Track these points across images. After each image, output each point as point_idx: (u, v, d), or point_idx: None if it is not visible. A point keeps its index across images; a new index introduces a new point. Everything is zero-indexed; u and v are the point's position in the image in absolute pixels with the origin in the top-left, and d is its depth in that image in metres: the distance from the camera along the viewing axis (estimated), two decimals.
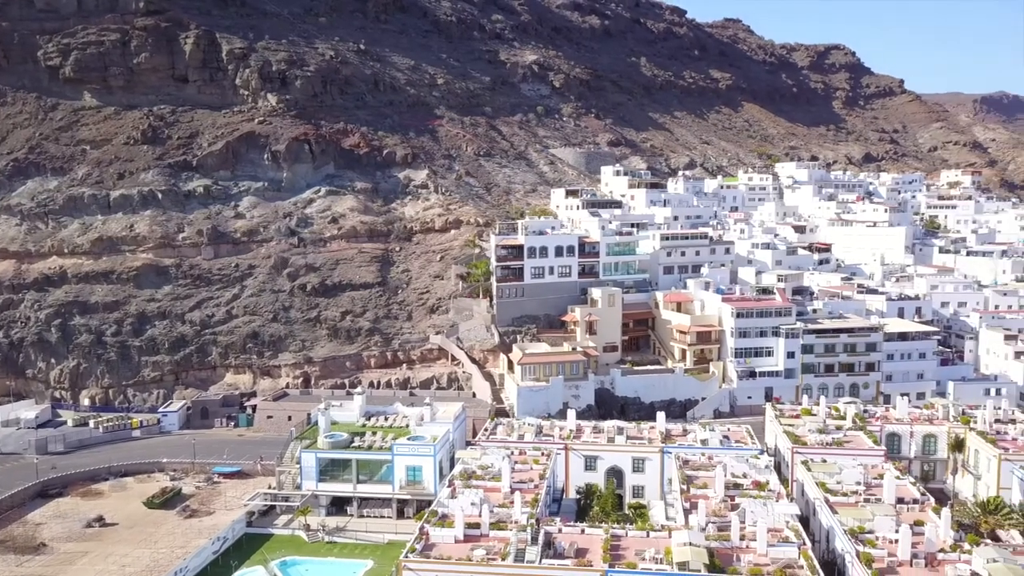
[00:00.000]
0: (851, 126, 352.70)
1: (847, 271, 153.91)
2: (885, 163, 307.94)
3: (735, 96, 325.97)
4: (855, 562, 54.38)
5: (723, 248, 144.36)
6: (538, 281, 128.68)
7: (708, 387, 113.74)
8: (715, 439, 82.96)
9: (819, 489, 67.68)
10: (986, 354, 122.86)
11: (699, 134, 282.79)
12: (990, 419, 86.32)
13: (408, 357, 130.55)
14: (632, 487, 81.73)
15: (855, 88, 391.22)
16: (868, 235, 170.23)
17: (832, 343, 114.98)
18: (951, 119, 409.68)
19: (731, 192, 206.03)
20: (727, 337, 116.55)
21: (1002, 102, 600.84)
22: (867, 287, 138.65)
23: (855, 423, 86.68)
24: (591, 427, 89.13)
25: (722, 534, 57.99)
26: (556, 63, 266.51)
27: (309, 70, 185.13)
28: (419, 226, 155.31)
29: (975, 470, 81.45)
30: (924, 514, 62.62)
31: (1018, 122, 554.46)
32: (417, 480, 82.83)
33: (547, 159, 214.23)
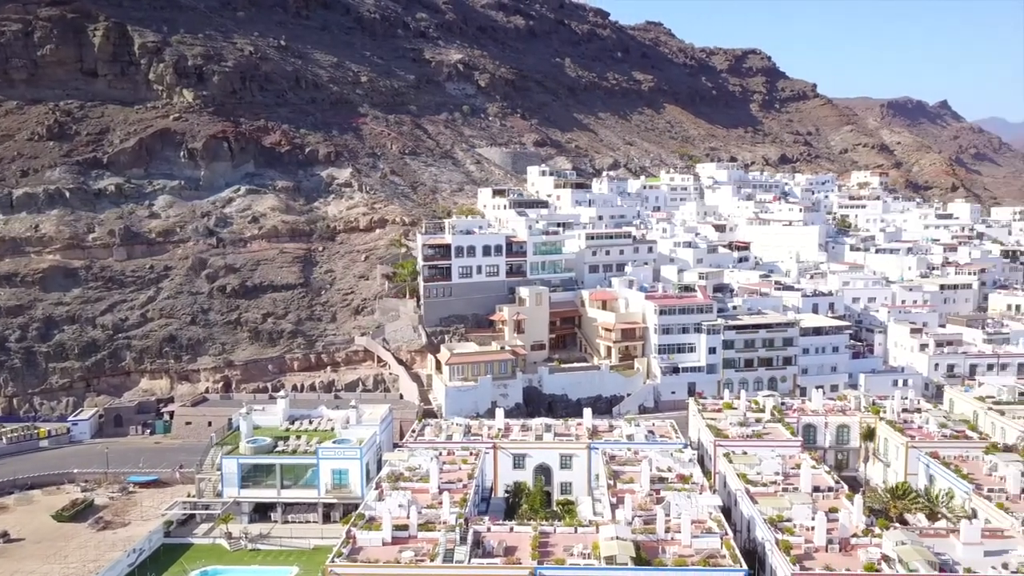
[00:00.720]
0: (768, 128, 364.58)
1: (765, 268, 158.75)
2: (799, 164, 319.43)
3: (657, 98, 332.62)
4: (774, 550, 56.06)
5: (646, 247, 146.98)
6: (466, 280, 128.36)
7: (633, 383, 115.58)
8: (640, 434, 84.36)
9: (740, 480, 69.52)
10: (894, 347, 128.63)
11: (623, 135, 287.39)
12: (898, 409, 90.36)
13: (333, 359, 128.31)
14: (560, 484, 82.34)
15: (771, 92, 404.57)
16: (784, 234, 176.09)
17: (751, 338, 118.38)
18: (860, 123, 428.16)
19: (654, 192, 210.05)
20: (651, 334, 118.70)
21: (907, 107, 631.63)
22: (784, 284, 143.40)
23: (774, 415, 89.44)
24: (519, 425, 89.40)
25: (648, 527, 58.93)
26: (481, 63, 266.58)
27: (227, 66, 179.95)
28: (343, 225, 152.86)
29: (885, 458, 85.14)
30: (838, 501, 65.03)
31: (921, 126, 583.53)
32: (343, 484, 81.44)
33: (473, 158, 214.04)
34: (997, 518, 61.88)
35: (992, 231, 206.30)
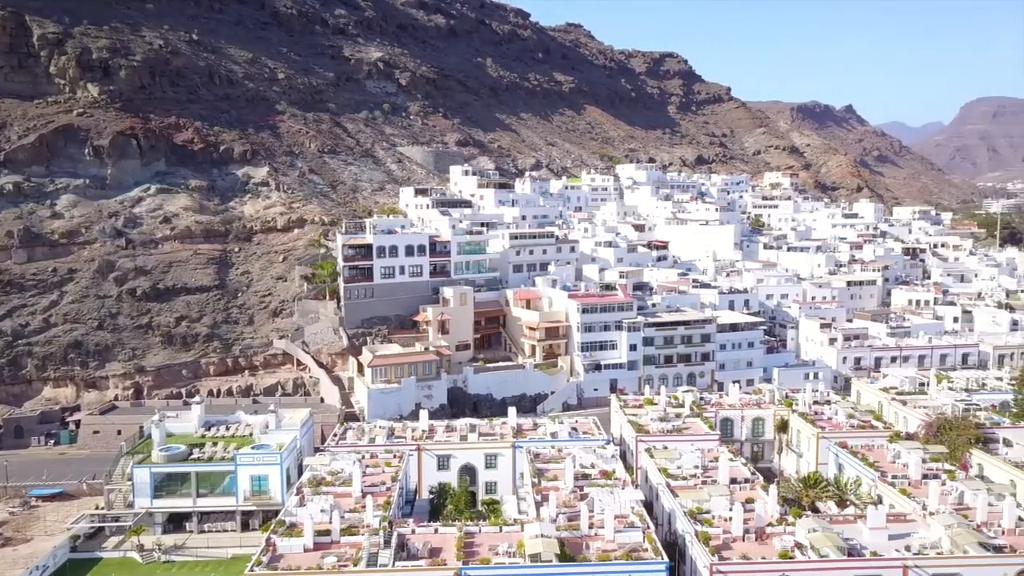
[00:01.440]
0: (685, 130, 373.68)
1: (683, 267, 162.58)
2: (715, 165, 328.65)
3: (578, 99, 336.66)
4: (694, 541, 57.35)
5: (569, 247, 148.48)
6: (388, 281, 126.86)
7: (557, 381, 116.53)
8: (564, 431, 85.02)
9: (661, 475, 70.86)
10: (805, 341, 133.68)
11: (544, 135, 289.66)
12: (809, 401, 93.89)
13: (250, 363, 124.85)
14: (485, 483, 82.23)
15: (688, 94, 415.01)
16: (701, 233, 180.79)
17: (671, 335, 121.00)
18: (772, 125, 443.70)
19: (575, 192, 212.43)
20: (574, 332, 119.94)
21: (815, 111, 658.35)
22: (701, 282, 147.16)
23: (693, 410, 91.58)
24: (444, 426, 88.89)
25: (572, 524, 59.41)
26: (402, 61, 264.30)
27: (135, 59, 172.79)
28: (260, 226, 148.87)
29: (798, 448, 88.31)
30: (754, 492, 67.02)
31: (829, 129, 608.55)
32: (263, 490, 79.24)
33: (395, 157, 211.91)
34: (900, 503, 64.94)
35: (894, 230, 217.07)
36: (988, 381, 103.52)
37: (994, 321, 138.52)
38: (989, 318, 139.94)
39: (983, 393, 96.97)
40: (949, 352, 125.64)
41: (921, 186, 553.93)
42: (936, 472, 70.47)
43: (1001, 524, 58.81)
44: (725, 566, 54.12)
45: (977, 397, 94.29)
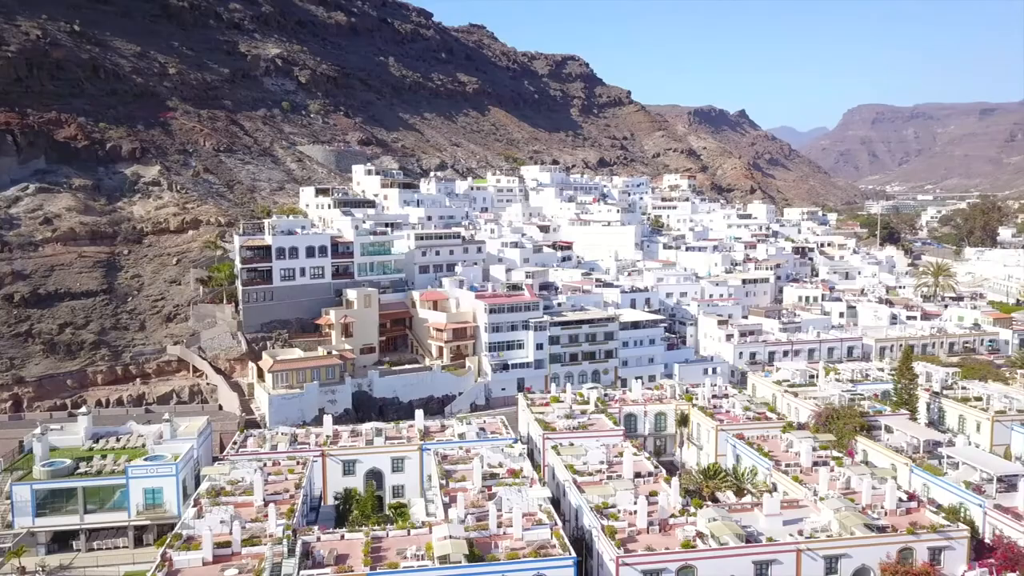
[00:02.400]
0: (587, 132, 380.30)
1: (587, 267, 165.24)
2: (616, 167, 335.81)
3: (482, 100, 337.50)
4: (600, 535, 58.28)
5: (475, 247, 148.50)
6: (289, 283, 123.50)
7: (465, 382, 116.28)
8: (472, 432, 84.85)
9: (568, 471, 71.68)
10: (704, 338, 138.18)
11: (449, 136, 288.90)
12: (708, 395, 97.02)
13: (142, 371, 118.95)
14: (392, 487, 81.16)
15: (589, 97, 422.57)
16: (604, 233, 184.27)
17: (576, 334, 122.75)
18: (670, 129, 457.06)
19: (481, 193, 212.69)
20: (481, 332, 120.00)
21: (711, 115, 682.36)
22: (604, 281, 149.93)
23: (598, 407, 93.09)
24: (349, 431, 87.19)
25: (480, 524, 59.31)
26: (301, 58, 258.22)
27: (10, 50, 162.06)
28: (151, 227, 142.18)
29: (698, 441, 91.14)
30: (658, 485, 68.69)
31: (723, 133, 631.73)
32: (157, 503, 75.60)
33: (295, 156, 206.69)
34: (793, 490, 67.95)
35: (785, 230, 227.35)
36: (871, 372, 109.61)
37: (876, 316, 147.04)
38: (871, 313, 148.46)
39: (866, 383, 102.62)
40: (836, 345, 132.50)
41: (809, 188, 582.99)
42: (825, 459, 74.04)
43: (884, 506, 62.37)
44: (630, 558, 55.23)
45: (861, 387, 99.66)
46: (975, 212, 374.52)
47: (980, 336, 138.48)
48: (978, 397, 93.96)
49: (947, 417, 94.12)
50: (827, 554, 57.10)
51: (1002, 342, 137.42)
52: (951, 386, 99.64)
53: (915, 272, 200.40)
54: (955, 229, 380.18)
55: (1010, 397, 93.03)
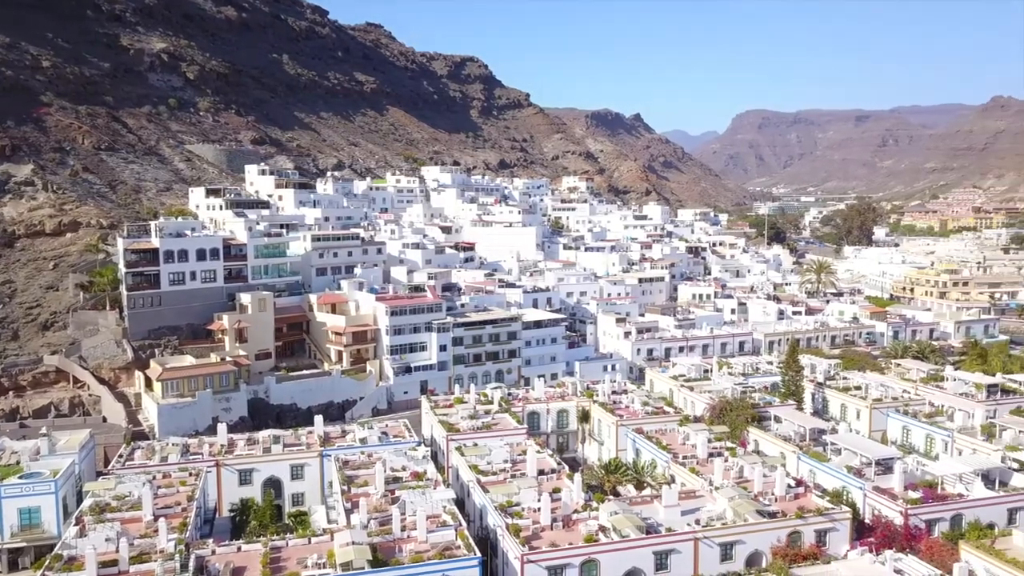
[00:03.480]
0: (487, 134, 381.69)
1: (489, 267, 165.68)
2: (517, 169, 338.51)
3: (380, 100, 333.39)
4: (505, 534, 58.37)
5: (375, 248, 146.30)
6: (178, 288, 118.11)
7: (366, 386, 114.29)
8: (374, 436, 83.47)
9: (472, 472, 71.48)
10: (603, 335, 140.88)
11: (346, 136, 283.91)
12: (608, 392, 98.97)
13: (16, 383, 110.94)
14: (292, 495, 78.84)
15: (489, 99, 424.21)
16: (506, 234, 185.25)
17: (479, 334, 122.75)
18: (569, 131, 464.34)
19: (380, 194, 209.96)
20: (383, 335, 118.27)
21: (607, 118, 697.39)
22: (506, 282, 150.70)
23: (501, 406, 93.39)
24: (245, 439, 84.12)
25: (384, 528, 58.34)
26: (189, 53, 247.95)
27: None
28: (24, 229, 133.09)
29: (599, 437, 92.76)
30: (561, 481, 69.43)
31: (620, 136, 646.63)
32: (34, 523, 70.63)
33: (183, 156, 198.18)
34: (690, 481, 70.06)
35: (679, 230, 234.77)
36: (761, 365, 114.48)
37: (764, 312, 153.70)
38: (760, 309, 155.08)
39: (757, 376, 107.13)
40: (728, 341, 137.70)
41: (701, 190, 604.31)
42: (720, 450, 76.69)
43: (774, 492, 65.14)
44: (535, 555, 55.54)
45: (752, 380, 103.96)
46: (853, 213, 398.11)
47: (859, 329, 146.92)
48: (857, 386, 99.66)
49: (830, 406, 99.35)
50: (722, 541, 59.12)
51: (878, 334, 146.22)
52: (833, 377, 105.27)
53: (800, 270, 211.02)
54: (835, 229, 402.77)
55: (885, 386, 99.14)
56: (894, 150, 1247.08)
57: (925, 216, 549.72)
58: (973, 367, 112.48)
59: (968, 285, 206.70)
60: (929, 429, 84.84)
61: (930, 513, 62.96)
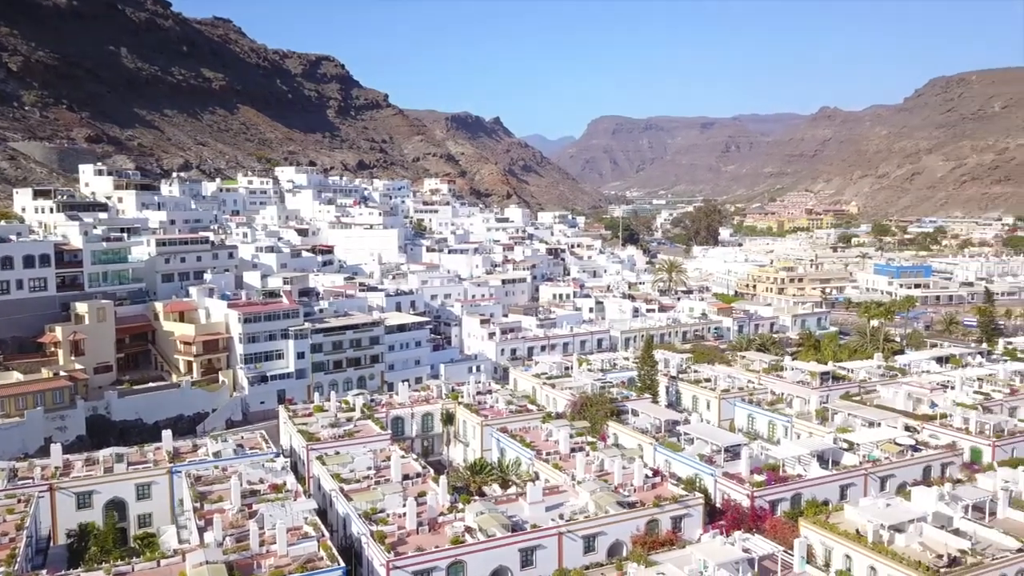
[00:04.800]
0: (345, 134, 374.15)
1: (349, 271, 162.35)
2: (377, 170, 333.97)
3: (230, 98, 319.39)
4: (370, 542, 57.13)
5: (226, 253, 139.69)
6: (2, 298, 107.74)
7: (218, 398, 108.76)
8: (228, 449, 79.42)
9: (334, 480, 69.53)
10: (468, 337, 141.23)
11: (193, 135, 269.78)
12: (473, 393, 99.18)
13: None
14: (138, 517, 73.57)
15: (346, 99, 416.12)
16: (366, 237, 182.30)
17: (339, 340, 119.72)
18: (429, 134, 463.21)
19: (231, 195, 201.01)
20: (236, 344, 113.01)
21: (467, 121, 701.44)
22: (368, 285, 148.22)
23: (364, 413, 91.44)
24: (83, 459, 77.69)
25: (241, 545, 55.58)
26: (12, 42, 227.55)
27: None
28: None
29: (464, 438, 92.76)
30: (426, 485, 68.77)
31: (480, 139, 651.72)
32: None
33: (6, 153, 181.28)
34: (554, 477, 71.33)
35: (539, 232, 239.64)
36: (618, 361, 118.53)
37: (620, 310, 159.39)
38: (617, 307, 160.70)
39: (615, 372, 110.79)
40: (587, 338, 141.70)
41: (560, 193, 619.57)
42: (581, 445, 78.57)
43: (633, 483, 67.46)
44: (400, 561, 54.67)
45: (611, 376, 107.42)
46: (700, 215, 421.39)
47: (707, 324, 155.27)
48: (707, 379, 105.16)
49: (683, 398, 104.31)
50: (585, 534, 60.50)
51: (725, 329, 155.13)
52: (685, 370, 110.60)
53: (652, 269, 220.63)
54: (684, 230, 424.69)
55: (732, 377, 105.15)
56: (736, 156, 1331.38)
57: (764, 217, 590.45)
58: (808, 357, 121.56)
59: (803, 281, 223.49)
60: (771, 416, 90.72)
61: (773, 494, 67.23)
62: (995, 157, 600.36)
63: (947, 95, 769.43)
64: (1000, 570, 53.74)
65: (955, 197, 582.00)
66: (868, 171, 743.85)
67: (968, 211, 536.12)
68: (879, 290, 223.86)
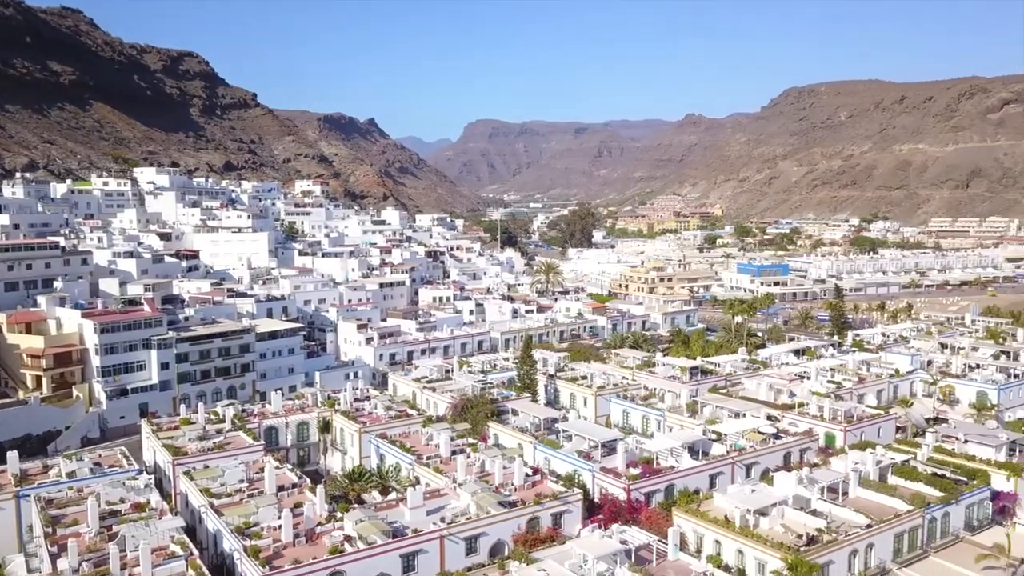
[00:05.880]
0: (210, 134, 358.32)
1: (217, 276, 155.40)
2: (245, 172, 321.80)
3: (82, 93, 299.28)
4: (243, 557, 54.69)
5: (79, 259, 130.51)
6: None
7: (73, 414, 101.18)
8: (84, 469, 74.03)
9: (203, 496, 66.17)
10: (344, 343, 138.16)
11: (40, 132, 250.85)
12: (350, 399, 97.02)
13: None
14: None
15: (211, 97, 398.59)
16: (234, 241, 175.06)
17: (207, 349, 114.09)
18: (301, 134, 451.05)
19: (84, 198, 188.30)
20: (92, 356, 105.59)
21: (341, 122, 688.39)
22: (237, 291, 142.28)
23: (235, 424, 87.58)
24: None
25: (100, 570, 51.89)
26: None
27: None
28: None
29: (342, 446, 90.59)
30: (303, 495, 66.60)
31: (354, 140, 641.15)
32: None
33: None
34: (435, 480, 70.76)
35: (417, 235, 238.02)
36: (498, 362, 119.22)
37: (500, 311, 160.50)
38: (496, 309, 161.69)
39: (495, 373, 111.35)
40: (468, 341, 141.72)
41: (438, 196, 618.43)
42: (462, 447, 78.36)
43: (514, 482, 67.90)
44: (277, 574, 52.64)
45: (491, 377, 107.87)
46: (575, 218, 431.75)
47: (583, 324, 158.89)
48: (584, 376, 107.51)
49: (561, 396, 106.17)
50: (467, 535, 60.32)
51: (600, 327, 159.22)
52: (563, 368, 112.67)
53: (530, 271, 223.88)
54: (560, 232, 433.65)
55: (608, 374, 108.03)
56: (608, 160, 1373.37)
57: (635, 220, 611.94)
58: (678, 353, 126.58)
59: (672, 281, 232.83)
60: (645, 410, 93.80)
61: (648, 486, 69.44)
62: (842, 163, 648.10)
63: (799, 105, 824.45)
64: (852, 545, 57.74)
65: (808, 200, 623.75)
66: (730, 175, 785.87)
67: (819, 213, 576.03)
68: (742, 288, 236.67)
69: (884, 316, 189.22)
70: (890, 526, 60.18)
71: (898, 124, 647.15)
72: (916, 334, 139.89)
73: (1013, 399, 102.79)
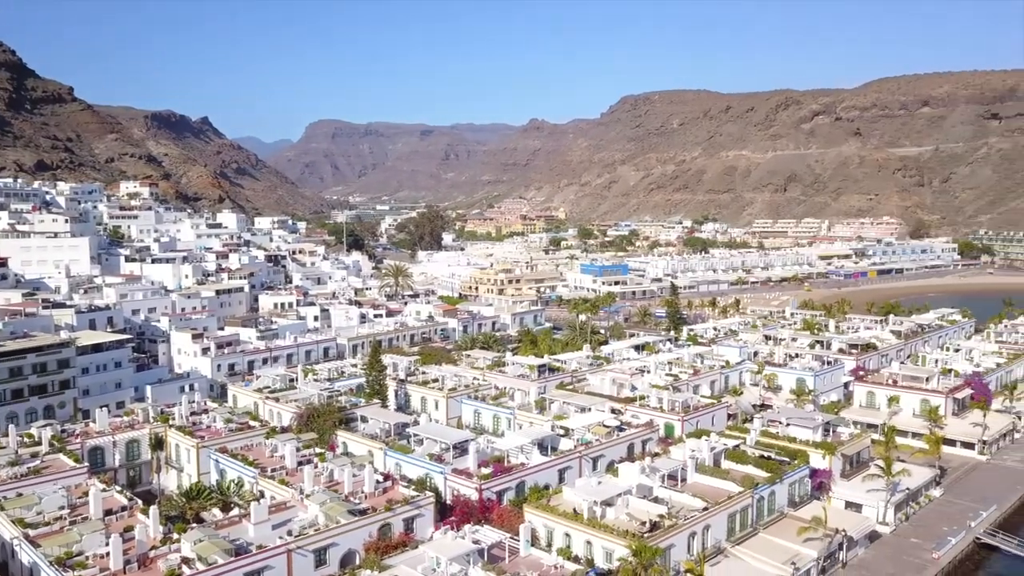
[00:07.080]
0: (19, 130, 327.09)
1: (29, 286, 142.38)
2: (61, 172, 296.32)
3: None
4: None
5: None
6: None
7: None
8: None
9: (17, 527, 60.00)
10: (178, 354, 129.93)
11: None
12: (186, 414, 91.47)
13: None
14: None
15: (20, 90, 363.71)
16: (50, 247, 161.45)
17: (19, 366, 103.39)
18: (126, 132, 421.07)
19: None
20: None
21: (171, 120, 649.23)
22: (53, 301, 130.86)
23: (53, 446, 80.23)
24: None
25: None
26: None
27: None
28: None
29: (178, 463, 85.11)
30: (134, 518, 62.02)
31: (187, 140, 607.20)
32: None
33: None
34: (280, 493, 67.96)
35: (257, 238, 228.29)
36: (346, 369, 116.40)
37: (347, 316, 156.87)
38: (343, 314, 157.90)
39: (343, 380, 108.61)
40: (313, 348, 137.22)
41: (278, 198, 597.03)
42: (309, 457, 75.84)
43: (364, 490, 66.47)
44: None
45: (339, 384, 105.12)
46: (423, 220, 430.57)
47: (434, 327, 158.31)
48: (435, 379, 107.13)
49: (412, 400, 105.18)
50: (316, 547, 58.35)
51: (451, 330, 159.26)
52: (414, 372, 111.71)
53: (379, 274, 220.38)
54: (409, 235, 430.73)
55: (459, 376, 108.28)
56: (455, 163, 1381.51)
57: (484, 223, 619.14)
58: (527, 352, 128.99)
59: (520, 282, 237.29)
60: (495, 410, 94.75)
61: (499, 485, 70.10)
62: (675, 168, 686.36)
63: (636, 112, 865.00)
64: (690, 528, 61.01)
65: (645, 203, 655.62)
66: (573, 180, 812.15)
67: (655, 215, 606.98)
68: (585, 288, 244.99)
69: (715, 311, 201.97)
70: (724, 508, 64.12)
71: (724, 132, 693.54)
72: (743, 327, 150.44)
73: (827, 384, 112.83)
